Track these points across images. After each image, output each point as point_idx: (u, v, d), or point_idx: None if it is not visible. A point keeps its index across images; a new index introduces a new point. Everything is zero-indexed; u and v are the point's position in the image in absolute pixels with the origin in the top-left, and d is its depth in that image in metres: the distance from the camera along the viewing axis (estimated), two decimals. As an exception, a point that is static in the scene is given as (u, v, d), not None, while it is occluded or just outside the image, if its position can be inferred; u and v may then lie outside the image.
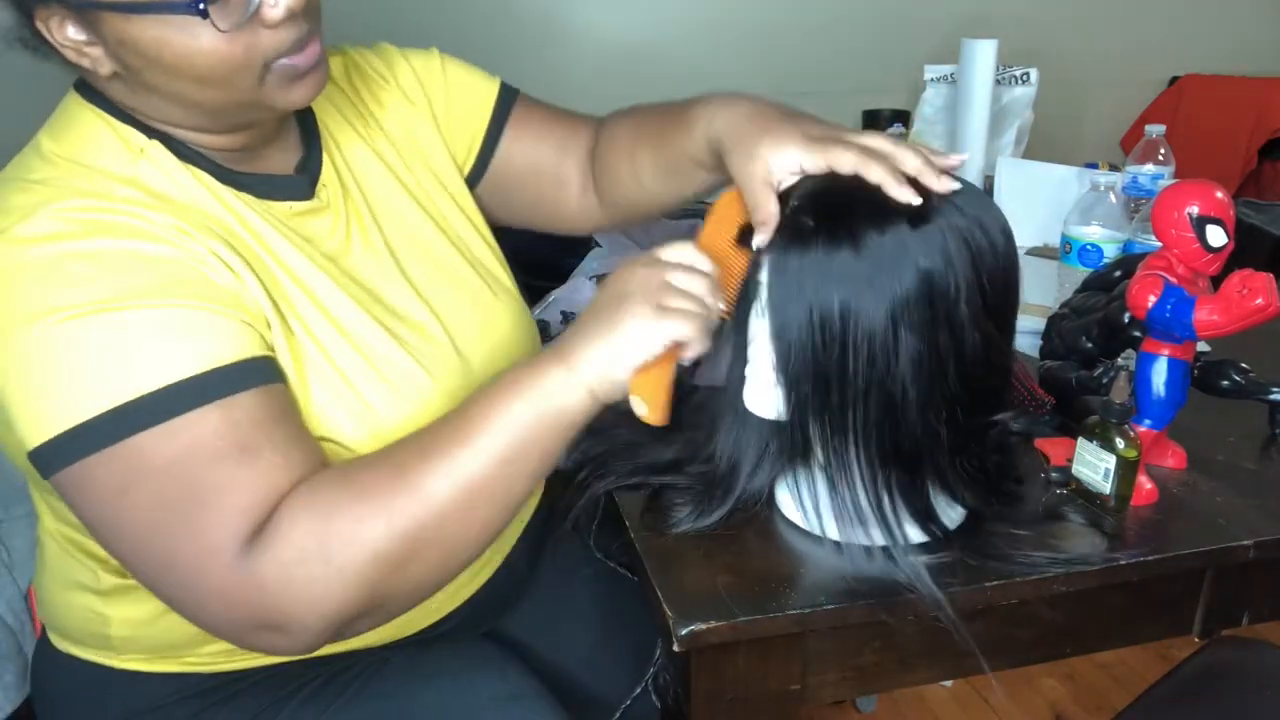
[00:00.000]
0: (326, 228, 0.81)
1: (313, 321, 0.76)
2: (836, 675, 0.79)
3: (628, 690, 1.02)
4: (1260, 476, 0.89)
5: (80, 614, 0.83)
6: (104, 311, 0.65)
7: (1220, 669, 0.98)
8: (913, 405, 0.71)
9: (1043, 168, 1.62)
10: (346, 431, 0.75)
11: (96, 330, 0.64)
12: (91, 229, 0.67)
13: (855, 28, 2.66)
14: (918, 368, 0.70)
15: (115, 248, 0.67)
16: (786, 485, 0.82)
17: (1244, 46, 2.98)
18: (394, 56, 0.96)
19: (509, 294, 0.94)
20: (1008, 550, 0.75)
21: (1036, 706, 1.82)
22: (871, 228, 0.69)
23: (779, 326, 0.72)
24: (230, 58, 0.67)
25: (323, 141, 0.85)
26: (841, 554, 0.76)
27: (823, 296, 0.69)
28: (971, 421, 0.74)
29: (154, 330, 0.66)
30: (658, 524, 0.81)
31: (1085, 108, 2.84)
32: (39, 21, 0.67)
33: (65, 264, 0.65)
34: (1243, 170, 2.78)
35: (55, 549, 0.84)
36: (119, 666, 0.83)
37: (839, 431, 0.73)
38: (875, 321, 0.69)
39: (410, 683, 0.83)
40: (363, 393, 0.76)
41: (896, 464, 0.73)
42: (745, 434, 0.82)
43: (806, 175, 0.75)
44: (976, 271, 0.70)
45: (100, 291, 0.65)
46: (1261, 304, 0.76)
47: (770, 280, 0.72)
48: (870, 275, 0.68)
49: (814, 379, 0.71)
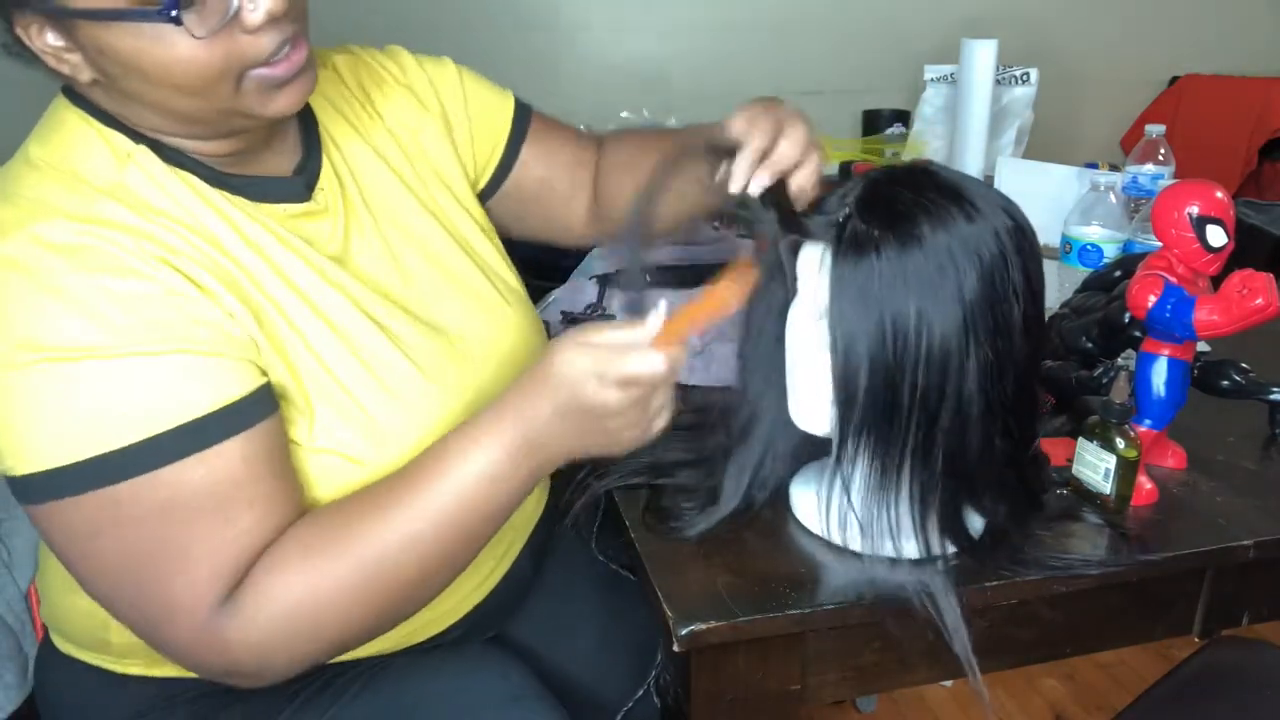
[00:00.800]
0: (325, 230, 0.80)
1: (310, 330, 0.74)
2: (836, 675, 0.78)
3: (629, 692, 1.01)
4: (1260, 476, 0.89)
5: (81, 618, 0.83)
6: (73, 360, 0.63)
7: (1220, 669, 0.98)
8: (976, 416, 0.70)
9: (1043, 168, 1.63)
10: (351, 444, 0.74)
11: (65, 379, 0.63)
12: (71, 261, 0.65)
13: (855, 28, 2.66)
14: (985, 375, 0.69)
15: (94, 285, 0.65)
16: (808, 491, 0.81)
17: (1244, 46, 2.98)
18: (406, 59, 0.95)
19: (518, 297, 0.94)
20: (1025, 555, 0.75)
21: (1036, 706, 1.82)
22: (936, 229, 0.68)
23: (843, 339, 0.70)
24: (208, 66, 0.65)
25: (323, 143, 0.84)
26: (854, 559, 0.76)
27: (896, 304, 0.68)
28: (1024, 430, 0.74)
29: (125, 383, 0.65)
30: (662, 526, 0.81)
31: (1085, 108, 2.84)
32: (18, 28, 0.66)
33: (44, 299, 0.64)
34: (1243, 170, 2.78)
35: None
36: (120, 671, 0.83)
37: (895, 444, 0.71)
38: (950, 328, 0.68)
39: (410, 685, 0.83)
40: (365, 404, 0.75)
41: (950, 476, 0.72)
42: (756, 440, 0.81)
43: (834, 179, 0.76)
44: (1026, 272, 0.70)
45: (80, 336, 0.64)
46: (1261, 304, 0.76)
47: (832, 291, 0.70)
48: (940, 279, 0.67)
49: (879, 392, 0.69)
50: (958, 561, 0.75)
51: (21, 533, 1.00)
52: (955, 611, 0.71)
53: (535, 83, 1.04)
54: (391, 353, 0.78)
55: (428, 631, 0.86)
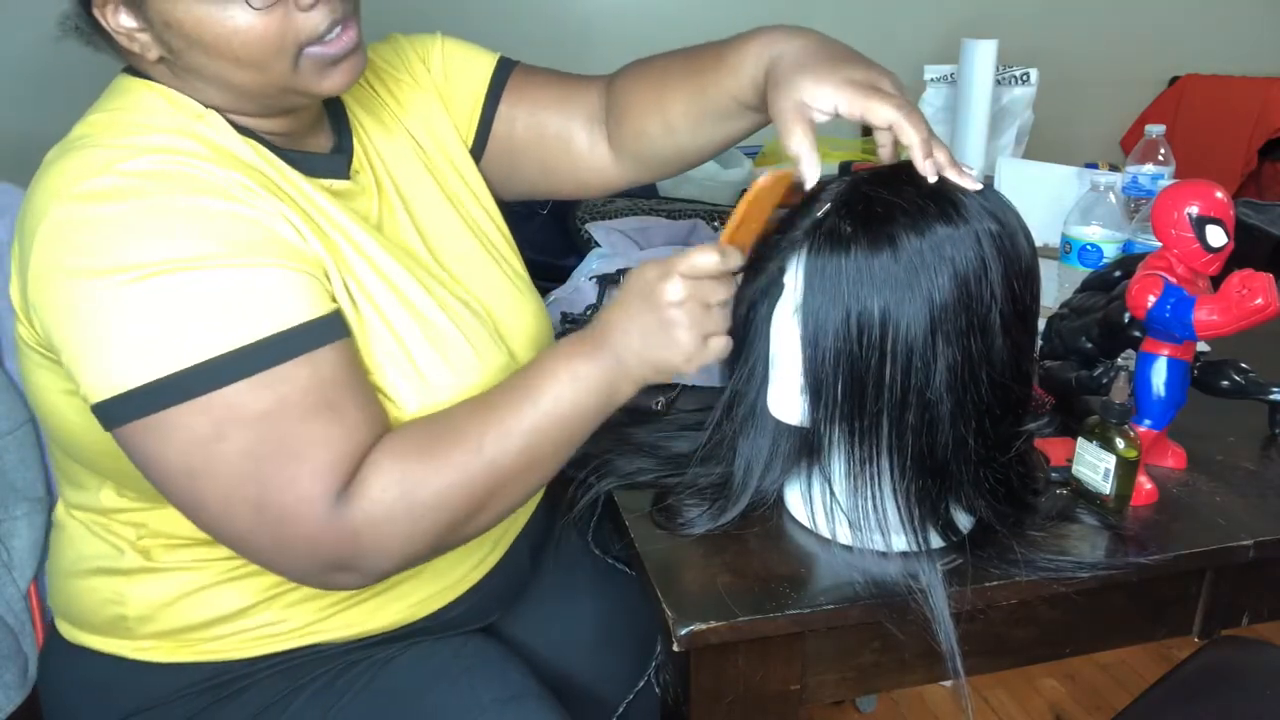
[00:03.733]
0: (364, 207, 0.83)
1: (371, 285, 0.78)
2: (836, 675, 0.79)
3: (628, 688, 1.02)
4: (1260, 476, 0.89)
5: (97, 597, 0.83)
6: (184, 270, 0.67)
7: (1220, 669, 0.98)
8: (945, 414, 0.71)
9: (1043, 168, 1.63)
10: (399, 395, 0.77)
11: (177, 288, 0.67)
12: (160, 184, 0.69)
13: (855, 28, 2.65)
14: (953, 375, 0.70)
15: (186, 205, 0.69)
16: (798, 487, 0.82)
17: (1244, 46, 2.99)
18: (401, 44, 0.97)
19: (526, 284, 0.95)
20: (1019, 554, 0.75)
21: (1036, 706, 1.82)
22: (909, 231, 0.69)
23: (813, 332, 0.71)
24: (264, 38, 0.70)
25: (353, 130, 0.87)
26: (849, 556, 0.76)
27: (862, 301, 0.69)
28: (999, 431, 0.74)
29: (235, 289, 0.68)
30: (667, 525, 0.81)
31: (1085, 108, 2.84)
32: (96, 9, 0.71)
33: (137, 220, 0.67)
34: (1243, 170, 2.78)
35: (77, 530, 0.85)
36: (130, 656, 0.83)
37: (867, 438, 0.72)
38: (916, 328, 0.69)
39: (413, 681, 0.84)
40: (417, 360, 0.78)
41: (923, 472, 0.73)
42: (760, 435, 0.81)
43: (833, 177, 0.75)
44: (1008, 277, 0.71)
45: (178, 250, 0.67)
46: (1261, 304, 0.76)
47: (805, 285, 0.72)
48: (909, 280, 0.68)
49: (847, 385, 0.71)
50: (950, 558, 0.75)
51: (21, 533, 1.00)
52: (943, 604, 0.71)
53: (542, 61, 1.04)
54: (443, 319, 0.81)
55: (429, 607, 0.87)
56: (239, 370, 0.67)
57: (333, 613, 0.83)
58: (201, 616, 0.81)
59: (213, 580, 0.80)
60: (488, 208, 0.96)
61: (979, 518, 0.78)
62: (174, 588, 0.81)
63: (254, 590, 0.81)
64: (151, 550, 0.81)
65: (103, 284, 0.66)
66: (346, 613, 0.83)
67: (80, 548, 0.85)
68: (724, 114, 0.90)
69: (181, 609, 0.81)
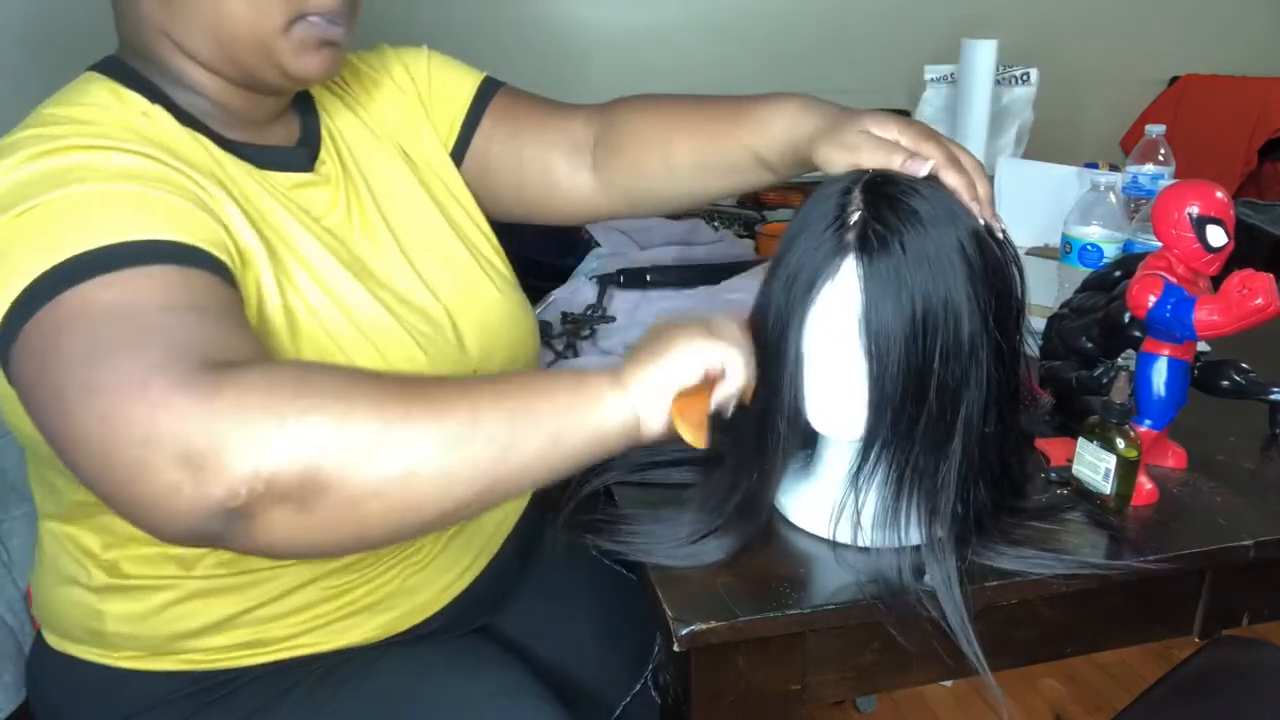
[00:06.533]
0: (326, 200, 0.83)
1: (306, 290, 0.76)
2: (836, 675, 0.78)
3: (626, 688, 1.02)
4: (1260, 476, 0.89)
5: (75, 610, 0.82)
6: (62, 187, 0.64)
7: (1220, 669, 0.98)
8: (992, 399, 0.73)
9: (1043, 168, 1.62)
10: None
11: (52, 209, 0.63)
12: (73, 145, 0.67)
13: (855, 28, 2.66)
14: (999, 364, 0.72)
15: (95, 161, 0.67)
16: (798, 490, 0.81)
17: (1244, 46, 2.98)
18: (387, 54, 0.98)
19: (510, 286, 0.95)
20: (1020, 554, 0.75)
21: (1036, 706, 1.82)
22: (941, 223, 0.71)
23: (879, 335, 0.70)
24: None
25: (322, 126, 0.87)
26: (850, 556, 0.76)
27: (925, 292, 0.70)
28: (1012, 423, 0.76)
29: (116, 200, 0.65)
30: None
31: (1085, 108, 2.84)
32: None
33: (45, 167, 0.66)
34: (1243, 170, 2.78)
35: (51, 544, 0.84)
36: (115, 665, 0.83)
37: (909, 441, 0.72)
38: (975, 314, 0.71)
39: (405, 681, 0.83)
40: (350, 356, 0.76)
41: (958, 467, 0.73)
42: (771, 449, 0.77)
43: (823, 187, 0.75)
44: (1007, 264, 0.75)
45: (74, 179, 0.65)
46: (1261, 304, 0.76)
47: (865, 289, 0.70)
48: (959, 266, 0.70)
49: (911, 387, 0.71)
50: (959, 553, 0.75)
51: (21, 533, 1.00)
52: (958, 603, 0.71)
53: (532, 86, 1.04)
54: (387, 321, 0.80)
55: (407, 622, 0.87)
56: (94, 269, 0.61)
57: (312, 626, 0.82)
58: (178, 629, 0.80)
59: (185, 595, 0.79)
60: (470, 210, 0.96)
61: (980, 516, 0.78)
62: (146, 605, 0.79)
63: (228, 605, 0.80)
64: (120, 563, 0.79)
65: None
66: (328, 627, 0.83)
67: (54, 561, 0.84)
68: (733, 166, 0.90)
69: (156, 625, 0.80)
